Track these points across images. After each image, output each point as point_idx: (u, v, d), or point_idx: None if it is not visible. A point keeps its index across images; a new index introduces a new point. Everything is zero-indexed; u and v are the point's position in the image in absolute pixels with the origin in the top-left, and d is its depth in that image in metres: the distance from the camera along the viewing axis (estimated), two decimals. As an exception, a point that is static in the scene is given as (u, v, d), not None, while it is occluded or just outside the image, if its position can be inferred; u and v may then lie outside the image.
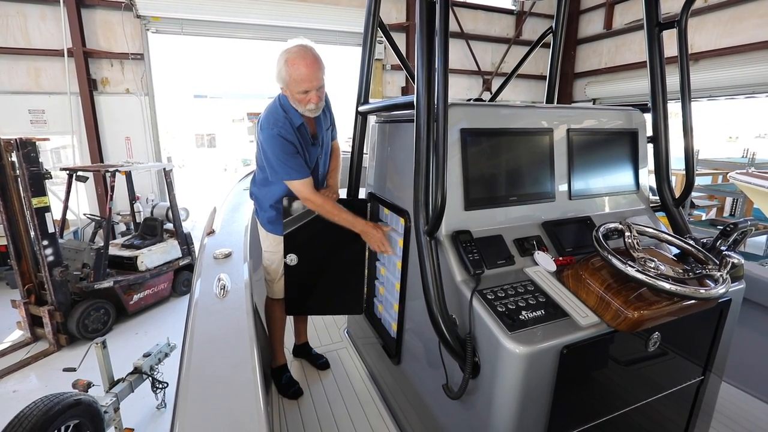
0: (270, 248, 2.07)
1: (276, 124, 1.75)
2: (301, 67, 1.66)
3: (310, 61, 1.68)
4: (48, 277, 4.00)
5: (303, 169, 1.80)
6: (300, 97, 1.72)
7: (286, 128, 1.76)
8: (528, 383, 1.10)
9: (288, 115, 1.79)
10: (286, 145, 1.75)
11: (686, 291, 1.10)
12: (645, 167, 1.81)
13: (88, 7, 6.47)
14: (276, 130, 1.74)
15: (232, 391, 1.10)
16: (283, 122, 1.77)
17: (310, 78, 1.68)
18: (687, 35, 1.71)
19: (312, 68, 1.68)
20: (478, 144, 1.43)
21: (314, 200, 1.82)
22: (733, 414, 1.93)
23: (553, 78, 2.38)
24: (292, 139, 1.77)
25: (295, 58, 1.67)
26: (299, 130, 1.82)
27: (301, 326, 2.41)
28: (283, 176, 1.79)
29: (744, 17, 6.62)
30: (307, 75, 1.67)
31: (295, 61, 1.67)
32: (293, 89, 1.71)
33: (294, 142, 1.78)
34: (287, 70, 1.68)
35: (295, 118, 1.80)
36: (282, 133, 1.75)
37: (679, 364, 1.44)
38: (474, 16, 9.19)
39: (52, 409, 2.27)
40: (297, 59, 1.67)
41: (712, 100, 7.37)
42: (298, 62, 1.66)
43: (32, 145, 3.87)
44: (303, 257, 1.98)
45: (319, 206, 1.82)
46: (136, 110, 7.00)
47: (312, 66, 1.68)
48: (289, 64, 1.67)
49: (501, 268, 1.34)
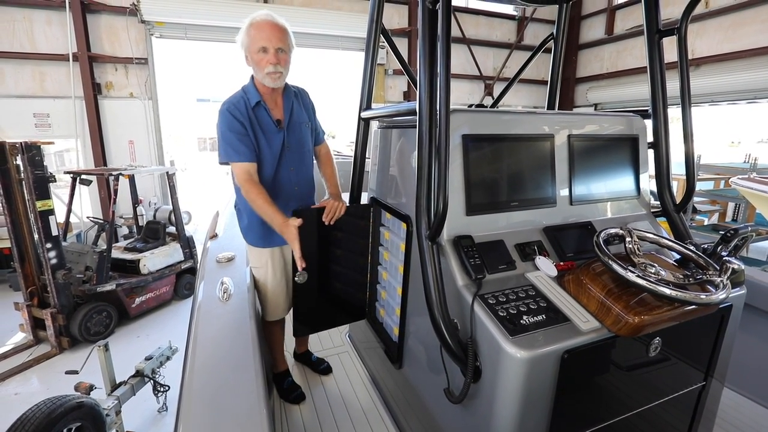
0: (255, 263, 1.91)
1: (230, 101, 1.70)
2: (260, 25, 1.66)
3: (271, 21, 1.67)
4: (51, 279, 4.01)
5: (245, 151, 1.68)
6: (257, 57, 1.66)
7: (238, 106, 1.69)
8: (529, 388, 1.10)
9: (246, 95, 1.73)
10: (232, 122, 1.66)
11: (686, 296, 1.10)
12: (646, 173, 1.81)
13: (94, 12, 6.54)
14: (225, 106, 1.69)
15: (235, 395, 1.11)
16: (237, 101, 1.70)
17: (268, 37, 1.65)
18: (687, 42, 1.73)
19: (272, 28, 1.66)
20: (480, 149, 1.44)
21: (248, 189, 1.66)
22: (735, 420, 1.92)
23: (554, 84, 2.40)
24: (241, 118, 1.68)
25: (256, 21, 1.67)
26: (255, 110, 1.73)
27: (303, 337, 2.35)
28: (223, 156, 1.69)
29: (745, 23, 6.64)
30: (266, 32, 1.65)
31: (256, 23, 1.67)
32: (252, 49, 1.67)
33: (243, 121, 1.68)
34: (248, 32, 1.67)
35: (253, 97, 1.72)
36: (230, 109, 1.67)
37: (681, 370, 1.44)
38: (476, 22, 9.25)
39: (54, 412, 2.28)
40: (257, 21, 1.67)
41: (714, 105, 7.38)
42: (257, 23, 1.66)
43: (37, 148, 3.90)
44: (310, 272, 1.79)
45: (246, 192, 1.67)
46: (140, 114, 7.06)
47: (272, 27, 1.66)
48: (251, 27, 1.67)
49: (502, 272, 1.34)
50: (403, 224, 1.69)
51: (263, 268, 1.89)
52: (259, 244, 1.86)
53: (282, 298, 1.98)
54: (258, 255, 1.89)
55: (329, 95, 9.79)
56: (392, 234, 1.85)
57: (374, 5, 1.89)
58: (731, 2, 6.70)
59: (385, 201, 1.89)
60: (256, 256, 1.90)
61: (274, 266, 1.90)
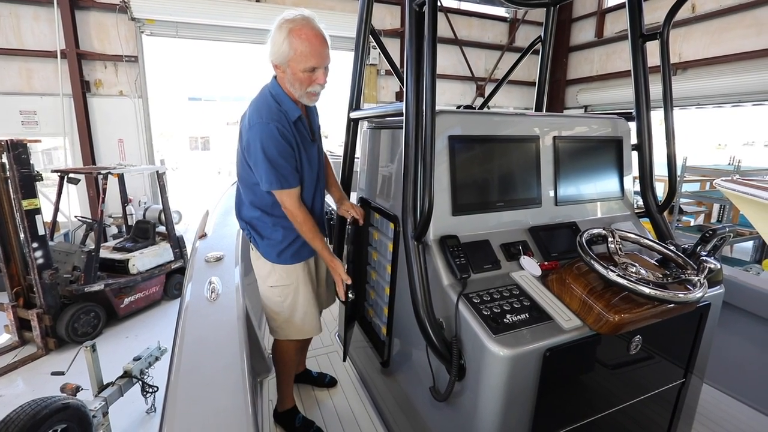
0: (280, 281, 1.70)
1: (272, 118, 1.45)
2: (311, 38, 1.39)
3: (319, 32, 1.42)
4: (37, 279, 3.96)
5: (293, 176, 1.53)
6: (304, 76, 1.44)
7: (283, 123, 1.47)
8: (512, 385, 1.12)
9: (282, 107, 1.49)
10: (283, 146, 1.46)
11: (665, 295, 1.13)
12: (630, 174, 1.85)
13: (82, 8, 6.46)
14: (273, 125, 1.44)
15: (221, 394, 1.11)
16: (279, 116, 1.47)
17: (320, 52, 1.42)
18: (669, 46, 1.77)
19: (322, 42, 1.42)
20: (466, 150, 1.46)
21: (297, 216, 1.55)
22: (715, 416, 1.97)
23: (542, 86, 2.43)
24: (289, 137, 1.48)
25: (301, 28, 1.39)
26: (296, 125, 1.54)
27: (301, 356, 2.18)
28: (275, 185, 1.49)
29: (731, 27, 6.77)
30: (317, 48, 1.41)
31: (301, 32, 1.39)
32: (297, 66, 1.42)
33: (291, 141, 1.50)
34: (291, 43, 1.39)
35: (292, 111, 1.51)
36: (279, 129, 1.44)
37: (661, 367, 1.47)
38: (468, 23, 9.30)
39: (39, 414, 2.25)
40: (304, 30, 1.39)
41: (701, 108, 7.51)
42: (305, 33, 1.39)
43: (23, 146, 3.84)
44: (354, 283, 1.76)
45: (299, 223, 1.57)
46: (130, 112, 6.98)
47: (321, 40, 1.42)
48: (294, 36, 1.38)
49: (487, 272, 1.36)
50: (391, 224, 1.70)
51: (293, 284, 1.71)
52: (290, 261, 1.70)
53: (316, 313, 1.82)
54: (287, 272, 1.71)
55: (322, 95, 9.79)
56: (380, 234, 1.86)
57: (363, 6, 1.90)
58: (716, 7, 6.83)
59: (374, 201, 1.90)
60: (283, 274, 1.70)
61: (305, 281, 1.75)
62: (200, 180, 16.82)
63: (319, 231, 1.63)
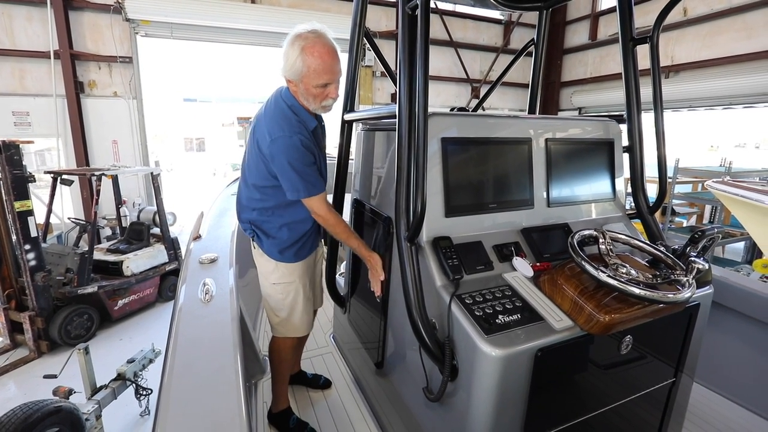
0: (283, 279, 1.75)
1: (293, 131, 1.49)
2: (323, 55, 1.44)
3: (330, 48, 1.47)
4: (29, 282, 3.92)
5: (320, 182, 1.58)
6: (317, 91, 1.49)
7: (304, 134, 1.52)
8: (504, 385, 1.13)
9: (300, 117, 1.54)
10: (306, 155, 1.51)
11: (654, 295, 1.15)
12: (621, 176, 1.87)
13: (76, 9, 6.42)
14: (297, 137, 1.48)
15: (214, 396, 1.11)
16: (300, 128, 1.52)
17: (332, 68, 1.47)
18: (659, 50, 1.79)
19: (333, 57, 1.47)
20: (459, 152, 1.47)
21: (329, 219, 1.60)
22: (705, 414, 1.99)
23: (535, 88, 2.46)
24: (311, 147, 1.54)
25: (313, 45, 1.43)
26: (314, 133, 1.60)
27: (296, 356, 2.19)
28: (303, 193, 1.53)
29: (722, 31, 6.86)
30: (330, 65, 1.46)
31: (314, 50, 1.43)
32: (310, 82, 1.47)
33: (313, 150, 1.56)
34: (304, 60, 1.43)
35: (309, 121, 1.57)
36: (303, 141, 1.50)
37: (652, 366, 1.49)
38: (463, 25, 9.35)
39: (31, 417, 2.23)
40: (316, 47, 1.44)
41: (692, 110, 7.59)
42: (318, 50, 1.43)
43: (15, 147, 3.81)
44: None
45: (332, 225, 1.61)
46: (124, 113, 6.95)
47: (333, 54, 1.47)
48: (307, 53, 1.43)
49: (480, 273, 1.38)
50: (385, 226, 1.71)
51: (294, 282, 1.76)
52: (293, 259, 1.74)
53: (311, 311, 1.90)
54: (290, 270, 1.75)
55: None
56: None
57: (357, 7, 1.91)
58: (708, 11, 6.92)
59: (368, 202, 1.91)
60: (286, 272, 1.75)
61: (305, 279, 1.80)
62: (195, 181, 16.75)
63: (353, 230, 1.70)
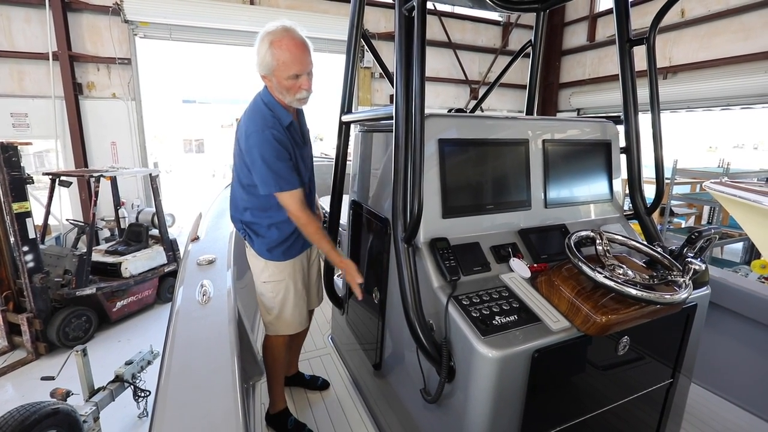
0: (273, 277, 1.78)
1: (266, 125, 1.52)
2: (291, 48, 1.48)
3: (299, 41, 1.50)
4: (27, 283, 3.92)
5: (294, 178, 1.58)
6: (289, 83, 1.52)
7: (278, 128, 1.54)
8: (501, 386, 1.13)
9: (275, 113, 1.58)
10: (279, 150, 1.53)
11: (651, 296, 1.15)
12: (619, 177, 1.87)
13: (75, 11, 6.42)
14: (269, 131, 1.51)
15: (211, 397, 1.11)
16: (273, 122, 1.55)
17: (301, 60, 1.50)
18: (655, 51, 1.80)
19: (302, 49, 1.51)
20: (456, 154, 1.48)
21: (301, 218, 1.61)
22: (703, 415, 1.99)
23: (532, 89, 2.46)
24: (284, 142, 1.56)
25: (281, 39, 1.48)
26: (289, 129, 1.62)
27: (293, 357, 2.18)
28: (273, 187, 1.55)
29: (719, 32, 6.88)
30: (298, 56, 1.49)
31: (281, 43, 1.47)
32: (281, 75, 1.50)
33: (287, 145, 1.57)
34: (273, 54, 1.48)
35: (284, 117, 1.59)
36: (275, 135, 1.52)
37: (649, 367, 1.49)
38: (462, 27, 9.36)
39: (28, 419, 2.23)
40: (284, 40, 1.48)
41: (691, 111, 7.61)
42: (285, 43, 1.48)
43: (14, 149, 3.81)
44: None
45: (303, 225, 1.63)
46: (123, 115, 6.94)
47: (302, 47, 1.51)
48: (275, 47, 1.48)
49: (477, 274, 1.38)
50: (382, 227, 1.71)
51: (284, 281, 1.78)
52: (281, 257, 1.76)
53: (305, 309, 1.90)
54: (279, 269, 1.77)
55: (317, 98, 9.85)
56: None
57: (354, 9, 1.92)
58: (705, 12, 6.94)
59: (366, 203, 1.91)
60: (275, 270, 1.77)
61: (296, 278, 1.81)
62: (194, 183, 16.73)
63: (326, 234, 1.67)
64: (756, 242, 3.72)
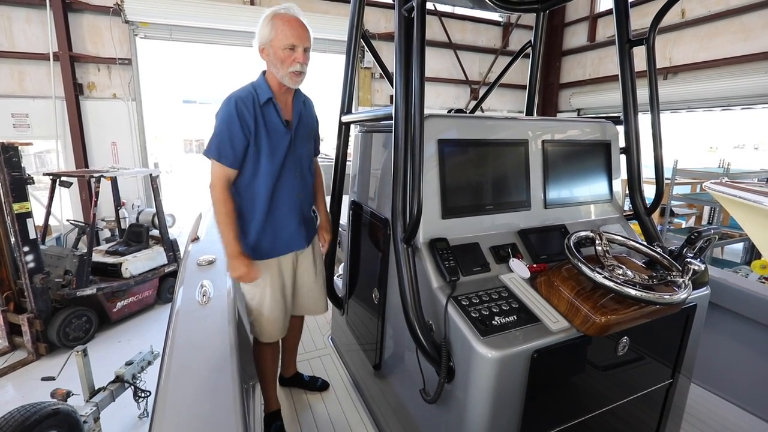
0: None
1: (236, 95, 1.56)
2: (291, 20, 1.55)
3: (299, 19, 1.58)
4: (28, 284, 3.92)
5: (231, 155, 1.55)
6: (284, 54, 1.54)
7: (246, 101, 1.55)
8: (500, 386, 1.13)
9: (256, 91, 1.60)
10: (233, 119, 1.52)
11: (650, 297, 1.15)
12: (618, 177, 1.87)
13: (75, 11, 6.43)
14: (232, 98, 1.55)
15: (210, 397, 1.12)
16: (246, 95, 1.57)
17: (299, 33, 1.55)
18: (655, 52, 1.80)
19: (301, 25, 1.57)
20: (456, 154, 1.48)
21: (214, 194, 1.58)
22: (703, 415, 1.99)
23: (532, 89, 2.46)
24: (247, 115, 1.54)
25: (284, 14, 1.56)
26: (264, 107, 1.59)
27: (290, 358, 2.16)
28: (208, 151, 1.56)
29: (719, 33, 6.88)
30: (297, 29, 1.54)
31: (284, 17, 1.55)
32: (278, 44, 1.53)
33: (248, 118, 1.55)
34: (273, 24, 1.54)
35: (263, 93, 1.59)
36: (237, 104, 1.53)
37: (649, 367, 1.49)
38: (462, 27, 9.36)
39: (28, 420, 2.23)
40: (286, 15, 1.56)
41: (691, 112, 7.61)
42: (287, 18, 1.55)
43: (14, 149, 3.81)
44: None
45: (214, 202, 1.59)
46: (123, 115, 6.95)
47: (301, 24, 1.57)
48: (277, 19, 1.54)
49: (477, 275, 1.38)
50: (382, 227, 1.71)
51: (259, 285, 1.72)
52: (252, 255, 1.67)
53: (281, 315, 1.80)
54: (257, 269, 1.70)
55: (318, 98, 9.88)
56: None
57: (354, 10, 1.92)
58: (705, 12, 6.93)
59: (365, 204, 1.91)
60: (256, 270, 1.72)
61: (272, 279, 1.74)
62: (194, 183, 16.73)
63: (234, 223, 1.59)
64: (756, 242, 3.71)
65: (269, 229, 1.70)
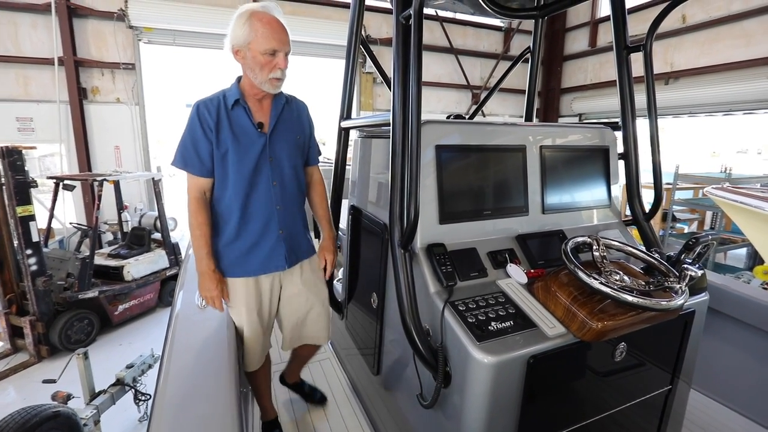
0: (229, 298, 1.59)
1: (201, 100, 1.46)
2: (272, 22, 1.40)
3: (279, 21, 1.43)
4: (30, 286, 3.94)
5: (196, 164, 1.45)
6: (265, 59, 1.40)
7: (209, 105, 1.44)
8: (496, 392, 1.13)
9: (225, 94, 1.48)
10: (195, 124, 1.42)
11: (646, 303, 1.15)
12: (617, 183, 1.88)
13: (80, 16, 6.50)
14: (197, 103, 1.45)
15: (208, 402, 1.12)
16: (211, 99, 1.46)
17: (281, 37, 1.41)
18: (652, 58, 1.81)
19: (282, 28, 1.43)
20: (453, 160, 1.49)
21: (188, 206, 1.48)
22: (703, 422, 1.98)
23: (531, 95, 2.48)
24: (206, 119, 1.42)
25: (263, 15, 1.40)
26: (232, 111, 1.46)
27: (296, 368, 2.07)
28: (175, 160, 1.47)
29: (720, 38, 6.88)
30: (279, 32, 1.41)
31: (262, 17, 1.39)
32: (257, 48, 1.39)
33: (210, 122, 1.42)
34: (252, 25, 1.38)
35: (231, 96, 1.46)
36: (200, 109, 1.43)
37: (648, 374, 1.49)
38: (463, 32, 9.41)
39: (29, 422, 2.24)
40: (265, 15, 1.41)
41: (693, 117, 7.60)
42: (267, 18, 1.40)
43: (18, 153, 3.85)
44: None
45: (189, 213, 1.48)
46: (126, 119, 7.00)
47: (281, 26, 1.43)
48: (255, 19, 1.38)
49: (474, 280, 1.38)
50: (380, 232, 1.72)
51: (236, 307, 1.58)
52: (229, 272, 1.54)
53: (258, 340, 1.63)
54: (232, 289, 1.57)
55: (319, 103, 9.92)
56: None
57: (354, 15, 1.94)
58: (706, 18, 6.95)
59: (364, 209, 1.92)
60: (230, 289, 1.57)
61: (248, 299, 1.57)
62: (197, 186, 16.71)
63: (207, 237, 1.48)
64: (758, 248, 3.70)
65: (241, 245, 1.54)
